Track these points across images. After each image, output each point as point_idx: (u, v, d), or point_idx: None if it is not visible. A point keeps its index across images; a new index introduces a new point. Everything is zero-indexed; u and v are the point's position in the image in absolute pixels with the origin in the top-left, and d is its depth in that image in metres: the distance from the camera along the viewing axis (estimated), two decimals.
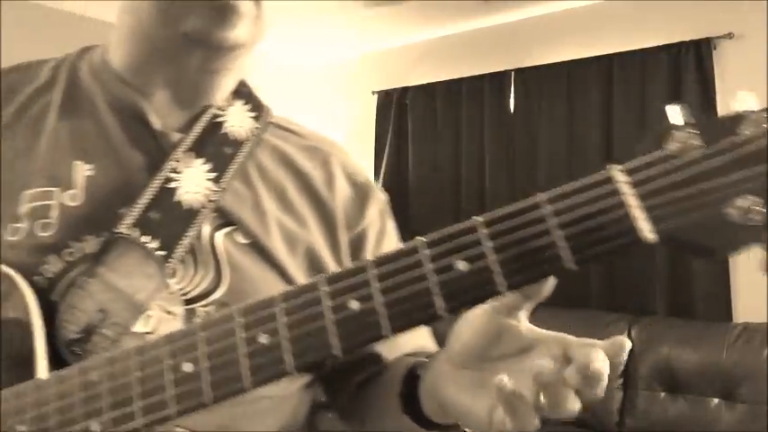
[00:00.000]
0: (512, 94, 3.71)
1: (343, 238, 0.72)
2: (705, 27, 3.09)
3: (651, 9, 3.25)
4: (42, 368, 0.55)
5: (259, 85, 0.78)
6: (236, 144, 0.70)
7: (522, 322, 0.50)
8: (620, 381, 2.87)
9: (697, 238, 0.38)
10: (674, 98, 3.14)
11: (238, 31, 0.62)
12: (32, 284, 0.59)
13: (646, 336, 2.86)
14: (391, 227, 0.78)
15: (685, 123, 0.40)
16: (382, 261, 0.43)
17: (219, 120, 0.71)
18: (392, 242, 0.77)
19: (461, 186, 3.79)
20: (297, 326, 0.43)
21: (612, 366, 0.44)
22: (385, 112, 4.18)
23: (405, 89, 4.10)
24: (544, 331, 0.50)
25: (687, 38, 3.12)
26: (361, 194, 0.75)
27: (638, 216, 0.39)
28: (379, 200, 0.77)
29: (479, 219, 0.42)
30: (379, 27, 3.93)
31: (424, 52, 4.10)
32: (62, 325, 0.58)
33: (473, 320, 0.50)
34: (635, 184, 0.40)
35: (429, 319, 0.41)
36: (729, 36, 3.03)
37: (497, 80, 3.73)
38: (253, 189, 0.69)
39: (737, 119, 0.40)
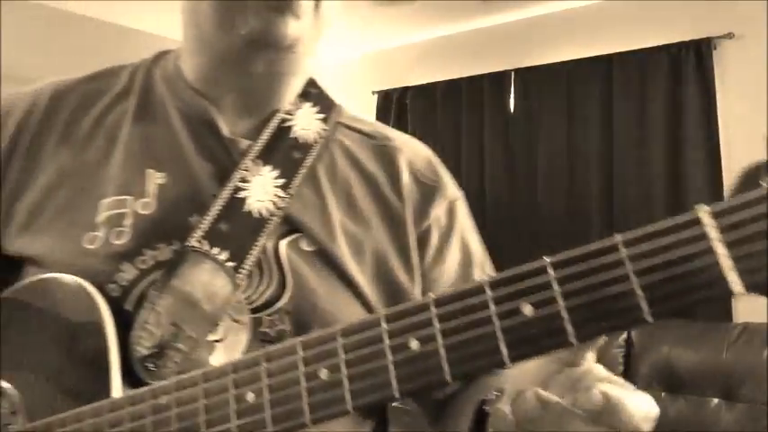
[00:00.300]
0: (512, 94, 3.71)
1: (411, 239, 0.71)
2: (705, 27, 3.09)
3: (651, 9, 3.25)
4: (117, 384, 0.56)
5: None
6: (304, 148, 0.70)
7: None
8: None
9: None
10: (674, 98, 3.15)
11: (296, 28, 0.62)
12: (106, 293, 0.60)
13: (646, 336, 2.86)
14: (463, 226, 0.76)
15: None
16: (444, 300, 0.41)
17: (287, 124, 0.71)
18: (463, 241, 0.75)
19: (462, 187, 3.78)
20: (356, 364, 0.42)
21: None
22: (385, 112, 4.18)
23: (405, 89, 4.10)
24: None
25: (687, 38, 3.12)
26: (426, 193, 0.73)
27: (726, 265, 0.35)
28: (448, 198, 0.75)
29: (548, 260, 0.39)
30: (379, 27, 3.93)
31: (424, 52, 4.10)
32: (136, 341, 0.58)
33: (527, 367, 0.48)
34: (723, 229, 0.35)
35: (493, 365, 0.39)
36: (729, 36, 3.04)
37: (497, 80, 3.74)
38: (320, 194, 0.69)
39: None
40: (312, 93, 0.75)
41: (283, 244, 0.65)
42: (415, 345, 0.40)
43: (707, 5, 3.10)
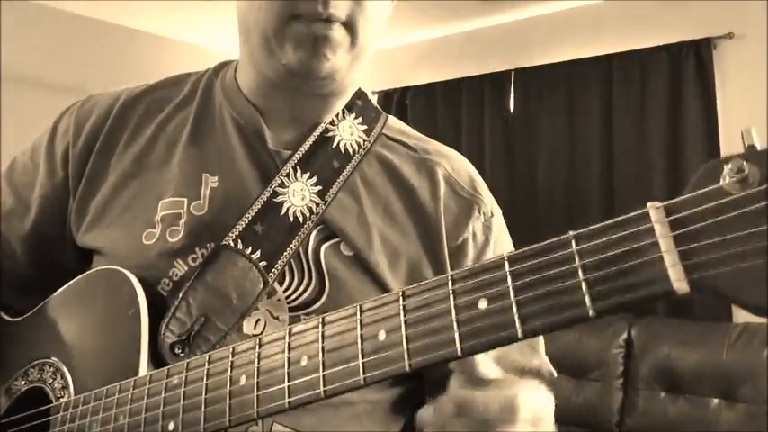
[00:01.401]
0: (512, 94, 3.71)
1: (445, 251, 0.73)
2: (705, 27, 3.09)
3: (651, 9, 3.25)
4: (144, 366, 0.61)
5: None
6: (345, 158, 0.73)
7: None
8: (620, 381, 2.87)
9: (742, 292, 0.32)
10: (674, 98, 3.15)
11: (331, 64, 0.66)
12: (160, 286, 0.67)
13: (646, 336, 2.86)
14: (500, 241, 0.77)
15: (743, 154, 0.34)
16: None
17: (330, 134, 0.74)
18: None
19: None
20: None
21: None
22: (385, 112, 4.17)
23: (405, 89, 4.10)
24: None
25: (687, 38, 3.12)
26: (464, 207, 0.75)
27: (670, 262, 0.34)
28: (485, 213, 0.76)
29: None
30: None
31: (424, 52, 4.10)
32: (167, 330, 0.63)
33: None
34: (673, 225, 0.34)
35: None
36: (729, 36, 3.03)
37: (497, 80, 3.74)
38: (358, 201, 0.72)
39: None
40: (357, 104, 0.79)
41: (324, 247, 0.69)
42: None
43: (707, 5, 3.10)
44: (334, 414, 0.66)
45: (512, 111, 3.71)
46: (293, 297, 0.68)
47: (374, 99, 4.29)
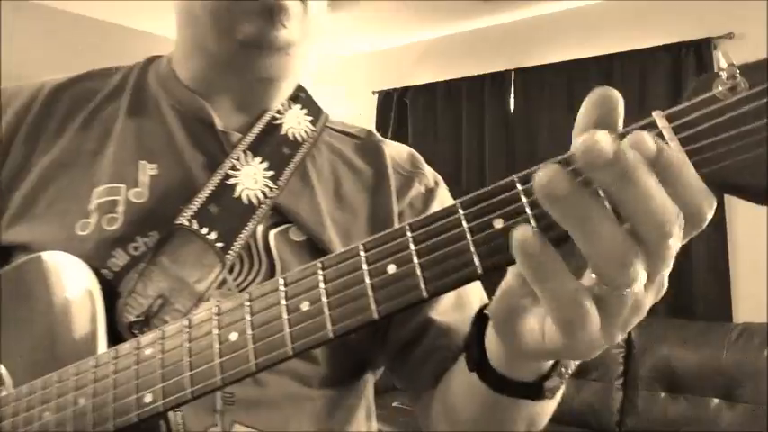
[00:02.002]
0: (512, 94, 3.72)
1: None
2: (705, 27, 3.09)
3: (651, 9, 3.25)
4: (103, 347, 0.59)
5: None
6: (294, 145, 0.73)
7: None
8: (621, 381, 2.87)
9: (748, 180, 0.37)
10: (674, 98, 3.15)
11: (287, 32, 0.66)
12: (100, 277, 0.63)
13: (646, 336, 2.86)
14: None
15: (730, 66, 0.39)
16: (419, 224, 0.43)
17: (278, 122, 0.74)
18: None
19: (461, 186, 3.79)
20: (336, 291, 0.44)
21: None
22: (385, 111, 4.18)
23: (405, 89, 4.10)
24: None
25: (687, 38, 3.12)
26: (405, 181, 0.76)
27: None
28: (427, 184, 0.77)
29: (515, 177, 0.43)
30: (380, 27, 3.93)
31: (424, 52, 4.11)
32: (124, 309, 0.61)
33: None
34: (678, 129, 0.38)
35: (467, 278, 0.41)
36: (729, 36, 3.03)
37: (497, 80, 3.74)
38: (309, 186, 0.72)
39: None
40: (302, 97, 0.79)
41: (272, 234, 0.68)
42: (392, 268, 0.42)
43: (707, 5, 3.10)
44: (296, 410, 0.66)
45: (512, 110, 3.71)
46: (244, 285, 0.66)
47: (374, 99, 4.30)
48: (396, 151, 0.79)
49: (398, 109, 4.12)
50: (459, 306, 0.70)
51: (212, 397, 0.62)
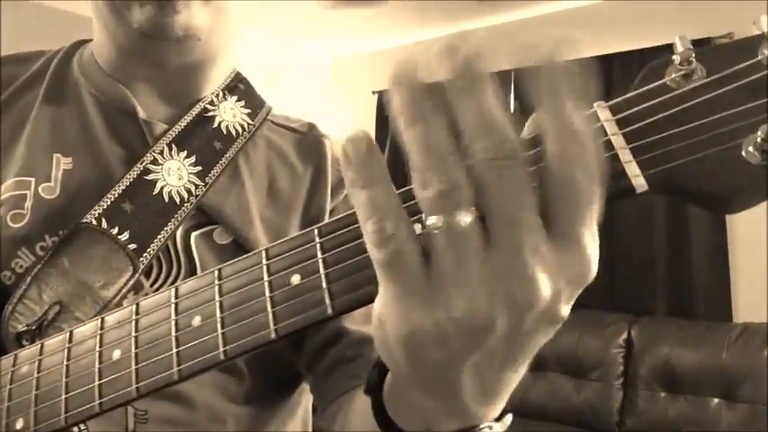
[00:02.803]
0: (512, 94, 3.71)
1: None
2: (705, 27, 3.09)
3: (651, 9, 3.25)
4: None
5: (257, 85, 0.76)
6: (228, 139, 0.67)
7: None
8: (621, 381, 2.87)
9: (701, 184, 0.31)
10: None
11: (188, 16, 0.59)
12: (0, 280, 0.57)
13: (646, 336, 2.86)
14: None
15: (685, 50, 0.33)
16: (329, 230, 0.36)
17: (210, 114, 0.68)
18: None
19: None
20: (232, 306, 0.38)
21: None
22: (385, 111, 4.17)
23: None
24: None
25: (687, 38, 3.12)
26: (341, 178, 0.69)
27: (625, 159, 0.32)
28: None
29: None
30: (380, 27, 3.93)
31: (424, 52, 4.10)
32: (12, 317, 0.55)
33: None
34: (622, 123, 0.33)
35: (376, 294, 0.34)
36: (729, 36, 3.03)
37: (497, 80, 3.73)
38: (239, 184, 0.66)
39: (756, 41, 0.33)
40: (239, 88, 0.73)
41: (194, 236, 0.62)
42: (296, 279, 0.36)
43: (707, 5, 3.10)
44: (218, 429, 0.60)
45: (512, 111, 3.71)
46: (162, 288, 0.59)
47: (374, 99, 4.29)
48: (337, 147, 0.72)
49: None
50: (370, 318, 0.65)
51: (123, 413, 0.56)
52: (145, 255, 0.59)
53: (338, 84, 4.44)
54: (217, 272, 0.39)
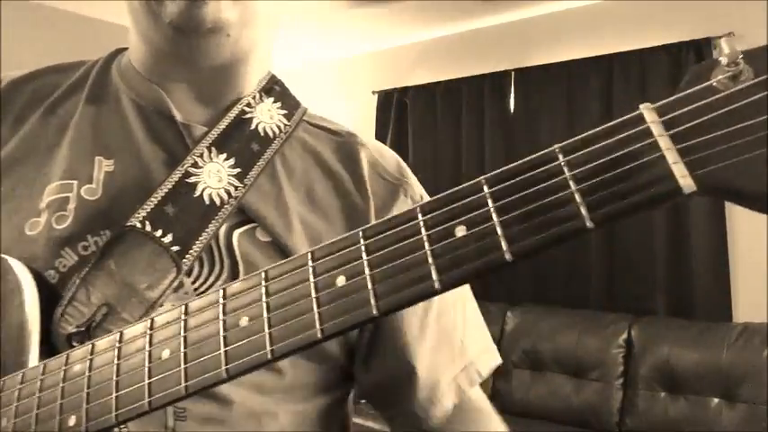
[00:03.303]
0: (512, 94, 3.71)
1: None
2: (705, 27, 3.09)
3: (651, 9, 3.25)
4: (34, 362, 0.54)
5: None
6: (264, 141, 0.68)
7: None
8: (621, 381, 2.87)
9: (749, 184, 0.31)
10: None
11: (216, 8, 0.60)
12: (43, 279, 0.58)
13: (646, 336, 2.86)
14: None
15: (732, 53, 0.33)
16: (374, 232, 0.38)
17: (248, 116, 0.69)
18: None
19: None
20: (279, 307, 0.39)
21: None
22: (385, 111, 4.18)
23: (405, 89, 4.10)
24: None
25: (687, 38, 3.12)
26: (390, 191, 0.70)
27: (673, 160, 0.33)
28: (413, 197, 0.72)
29: (483, 178, 0.37)
30: (379, 27, 3.93)
31: (424, 52, 4.10)
32: (63, 319, 0.56)
33: None
34: (668, 124, 0.33)
35: (424, 294, 0.36)
36: (729, 36, 3.03)
37: (497, 80, 3.74)
38: (278, 185, 0.67)
39: None
40: (275, 89, 0.74)
41: (237, 233, 0.64)
42: (341, 280, 0.37)
43: (707, 5, 3.10)
44: (257, 428, 0.61)
45: (512, 111, 3.71)
46: (202, 289, 0.61)
47: (374, 99, 4.30)
48: (379, 154, 0.73)
49: (398, 109, 4.11)
50: (438, 347, 0.66)
51: (163, 411, 0.58)
52: (188, 256, 0.60)
53: (338, 84, 4.44)
54: (263, 273, 0.41)
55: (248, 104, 0.70)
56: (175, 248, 0.60)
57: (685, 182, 0.32)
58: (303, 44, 4.15)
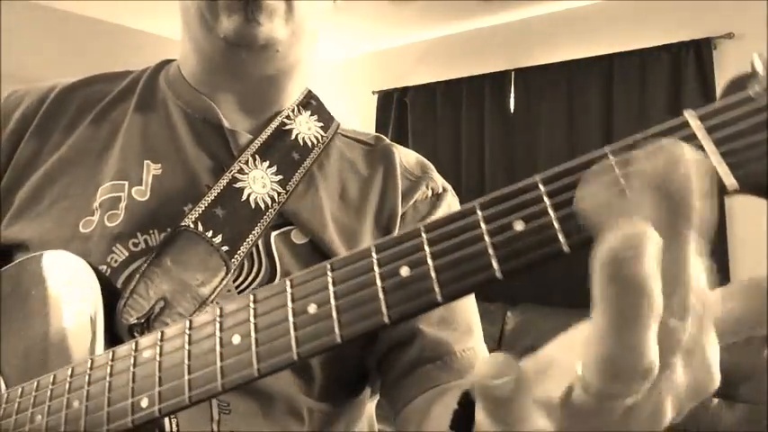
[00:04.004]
0: (512, 94, 3.72)
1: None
2: (705, 27, 3.09)
3: (651, 9, 3.25)
4: (100, 349, 0.57)
5: None
6: (304, 150, 0.73)
7: None
8: None
9: None
10: (674, 98, 3.15)
11: (270, 28, 0.65)
12: (100, 273, 0.61)
13: None
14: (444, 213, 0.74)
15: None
16: (434, 226, 0.40)
17: (288, 127, 0.74)
18: None
19: (462, 186, 3.80)
20: (345, 294, 0.42)
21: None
22: (385, 111, 4.18)
23: (405, 89, 4.10)
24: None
25: (687, 38, 3.13)
26: (413, 185, 0.75)
27: (716, 161, 0.36)
28: (434, 188, 0.77)
29: (537, 176, 0.40)
30: (380, 27, 3.93)
31: (424, 52, 4.11)
32: (125, 310, 0.60)
33: None
34: (711, 129, 0.37)
35: (484, 281, 0.39)
36: (729, 36, 3.04)
37: (497, 80, 3.74)
38: (313, 189, 0.71)
39: None
40: (312, 104, 0.79)
41: (275, 235, 0.68)
42: (405, 271, 0.40)
43: (707, 5, 3.10)
44: (294, 423, 0.65)
45: (512, 110, 3.72)
46: (243, 288, 0.65)
47: (374, 99, 4.30)
48: (405, 157, 0.78)
49: (398, 109, 4.12)
50: (445, 322, 0.69)
51: (207, 405, 0.62)
52: (236, 256, 0.65)
53: (338, 84, 4.44)
54: (328, 264, 0.43)
55: (288, 117, 0.75)
56: (225, 248, 0.64)
57: (728, 180, 0.36)
58: None
